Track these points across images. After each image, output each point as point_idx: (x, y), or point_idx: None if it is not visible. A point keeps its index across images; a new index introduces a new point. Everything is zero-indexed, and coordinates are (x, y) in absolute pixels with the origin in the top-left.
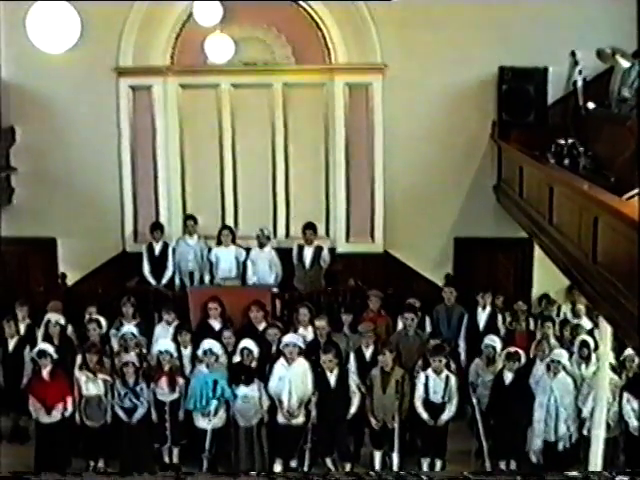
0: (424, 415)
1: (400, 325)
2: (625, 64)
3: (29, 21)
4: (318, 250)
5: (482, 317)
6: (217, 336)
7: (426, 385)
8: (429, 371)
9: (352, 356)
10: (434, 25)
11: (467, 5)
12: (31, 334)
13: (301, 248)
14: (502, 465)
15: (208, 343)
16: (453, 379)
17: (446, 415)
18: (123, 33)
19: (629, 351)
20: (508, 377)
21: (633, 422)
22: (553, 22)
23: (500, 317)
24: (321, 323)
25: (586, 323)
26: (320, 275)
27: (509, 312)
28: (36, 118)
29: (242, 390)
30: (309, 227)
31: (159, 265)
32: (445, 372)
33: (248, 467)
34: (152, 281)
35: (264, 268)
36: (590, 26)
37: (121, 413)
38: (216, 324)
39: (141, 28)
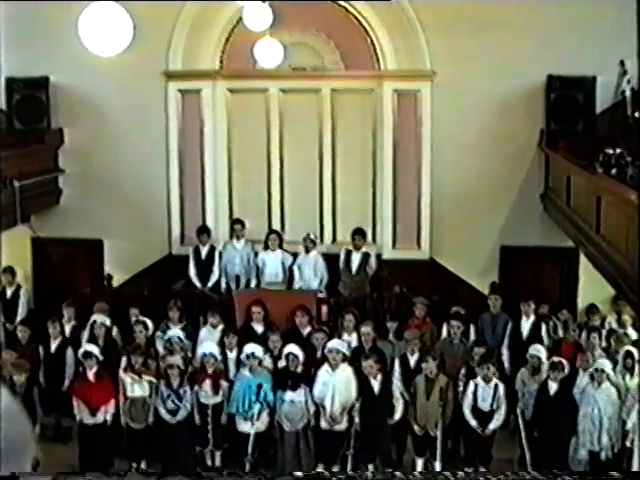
0: (473, 422)
1: (445, 333)
2: None
3: (82, 24)
4: (365, 256)
5: (526, 326)
6: (260, 340)
7: (475, 393)
8: (478, 379)
9: (397, 363)
10: (483, 33)
11: (516, 13)
12: (75, 335)
13: (349, 253)
14: None
15: (251, 347)
16: (502, 387)
17: (494, 424)
18: (172, 37)
19: None
20: (553, 387)
21: None
22: (602, 31)
23: (544, 326)
24: (366, 329)
25: (632, 333)
26: (366, 281)
27: (554, 321)
28: (84, 120)
29: (289, 395)
30: (358, 233)
31: (205, 268)
32: (494, 380)
33: (292, 471)
34: (198, 284)
35: (309, 273)
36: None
37: (165, 414)
38: (259, 328)
39: (190, 32)
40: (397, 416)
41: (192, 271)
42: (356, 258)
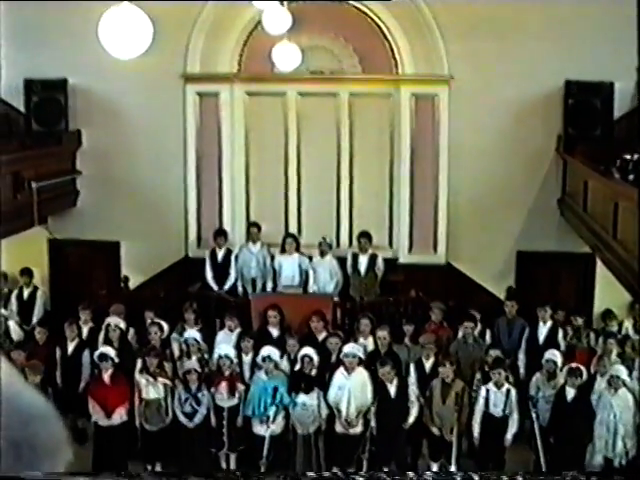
0: (476, 431)
1: (460, 334)
2: None
3: (101, 26)
4: (373, 258)
5: (542, 331)
6: (276, 343)
7: (487, 399)
8: (490, 384)
9: (412, 367)
10: (501, 38)
11: (534, 18)
12: (92, 337)
13: (355, 256)
14: None
15: (267, 350)
16: (514, 392)
17: (510, 433)
18: (191, 40)
19: None
20: (570, 393)
21: None
22: (620, 37)
23: (561, 332)
24: (382, 333)
25: None
26: (375, 283)
27: (570, 327)
28: (102, 122)
29: (301, 398)
30: (363, 235)
31: (222, 271)
32: (506, 385)
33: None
34: (214, 287)
35: (325, 276)
36: None
37: (182, 417)
38: (275, 331)
39: (209, 35)
40: (411, 419)
41: (209, 274)
42: (363, 260)
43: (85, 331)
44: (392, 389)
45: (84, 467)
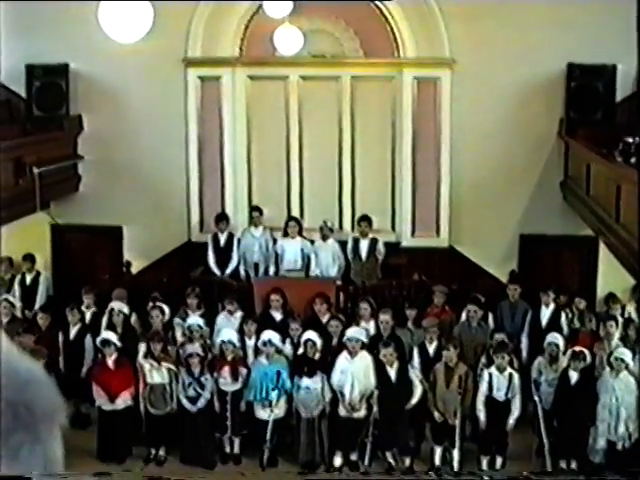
0: (481, 415)
1: (463, 317)
2: None
3: (102, 10)
4: (373, 242)
5: (545, 315)
6: (278, 327)
7: (490, 383)
8: (492, 368)
9: (415, 350)
10: (503, 20)
11: (536, 1)
12: (95, 322)
13: (356, 241)
14: (562, 464)
15: (268, 334)
16: (516, 377)
17: (512, 417)
18: (192, 24)
19: None
20: (573, 377)
21: None
22: (622, 19)
23: (564, 315)
24: (385, 317)
25: None
26: (376, 267)
27: (573, 310)
28: (104, 107)
29: (305, 381)
30: (364, 219)
31: (224, 256)
32: (508, 369)
33: (308, 458)
34: (217, 272)
35: (327, 260)
36: None
37: (185, 402)
38: (277, 315)
39: (210, 19)
40: (415, 400)
41: (211, 258)
42: (364, 245)
43: (88, 316)
44: (392, 373)
45: (89, 451)
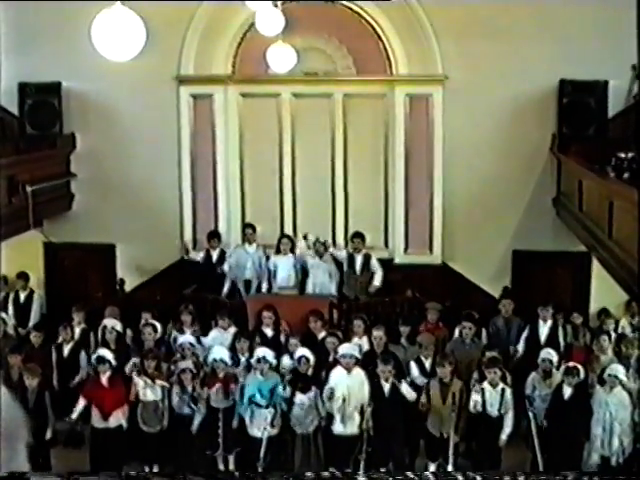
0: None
1: (457, 333)
2: None
3: (94, 29)
4: (367, 258)
5: (544, 330)
6: (270, 344)
7: (482, 398)
8: (485, 384)
9: (413, 365)
10: (495, 37)
11: (528, 17)
12: (85, 338)
13: (351, 256)
14: None
15: (262, 351)
16: (508, 391)
17: (505, 433)
18: (185, 42)
19: None
20: (567, 392)
21: None
22: (614, 35)
23: (561, 331)
24: (378, 333)
25: None
26: (371, 282)
27: (569, 325)
28: (97, 125)
29: (299, 397)
30: (357, 236)
31: (216, 272)
32: (501, 385)
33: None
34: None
35: (324, 277)
36: None
37: (179, 419)
38: (269, 332)
39: (203, 37)
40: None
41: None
42: (358, 260)
43: (77, 332)
44: (386, 388)
45: (82, 469)
